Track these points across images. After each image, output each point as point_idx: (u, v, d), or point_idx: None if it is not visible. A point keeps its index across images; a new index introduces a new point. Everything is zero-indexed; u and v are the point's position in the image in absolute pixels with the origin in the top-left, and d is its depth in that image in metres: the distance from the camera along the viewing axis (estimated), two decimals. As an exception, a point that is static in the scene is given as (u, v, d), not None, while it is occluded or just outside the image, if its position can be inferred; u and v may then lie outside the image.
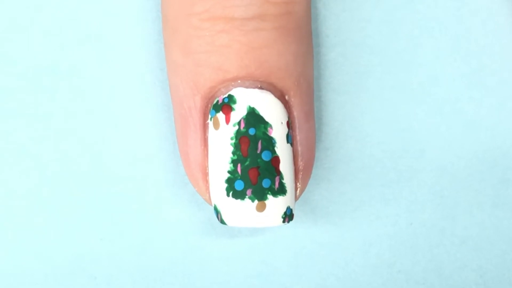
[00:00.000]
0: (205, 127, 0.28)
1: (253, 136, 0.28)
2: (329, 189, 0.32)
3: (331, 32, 0.31)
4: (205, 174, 0.29)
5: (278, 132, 0.28)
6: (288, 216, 0.28)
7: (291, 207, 0.28)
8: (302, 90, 0.28)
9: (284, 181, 0.28)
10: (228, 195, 0.28)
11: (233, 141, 0.28)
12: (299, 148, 0.29)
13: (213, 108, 0.28)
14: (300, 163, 0.29)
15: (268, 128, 0.28)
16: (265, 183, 0.28)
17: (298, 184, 0.29)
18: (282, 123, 0.28)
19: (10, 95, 0.31)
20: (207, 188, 0.29)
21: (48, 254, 0.31)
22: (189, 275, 0.32)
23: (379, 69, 0.31)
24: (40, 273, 0.32)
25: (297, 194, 0.29)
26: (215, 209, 0.29)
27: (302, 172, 0.29)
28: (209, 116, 0.28)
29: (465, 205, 0.32)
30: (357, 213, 0.32)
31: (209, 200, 0.29)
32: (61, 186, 0.31)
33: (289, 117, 0.28)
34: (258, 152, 0.28)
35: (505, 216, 0.32)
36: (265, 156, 0.28)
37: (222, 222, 0.28)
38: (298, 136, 0.29)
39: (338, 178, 0.32)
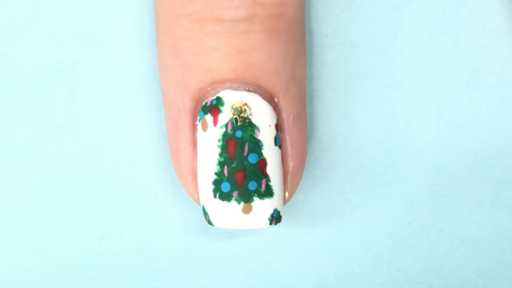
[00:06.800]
0: (194, 128, 0.28)
1: (240, 138, 0.28)
2: (328, 189, 0.32)
3: (330, 32, 0.31)
4: (194, 175, 0.29)
5: (265, 134, 0.28)
6: (275, 218, 0.28)
7: (278, 209, 0.28)
8: (291, 92, 0.28)
9: (271, 183, 0.28)
10: (215, 196, 0.28)
11: (220, 143, 0.28)
12: (289, 151, 0.29)
13: (201, 110, 0.28)
14: (290, 166, 0.29)
15: (255, 131, 0.28)
16: (251, 185, 0.28)
17: (287, 186, 0.29)
18: (270, 125, 0.28)
19: (10, 95, 0.31)
20: (196, 189, 0.29)
21: (48, 254, 0.32)
22: (189, 275, 0.32)
23: (378, 69, 0.31)
24: (40, 273, 0.32)
25: (286, 196, 0.29)
26: (203, 210, 0.29)
27: (292, 175, 0.29)
28: (198, 118, 0.28)
29: (464, 205, 0.32)
30: (356, 213, 0.32)
31: (198, 201, 0.29)
32: (61, 186, 0.31)
33: (278, 120, 0.28)
34: (245, 154, 0.28)
35: (504, 216, 0.32)
36: (252, 158, 0.28)
37: (210, 223, 0.28)
38: (287, 139, 0.29)
39: (337, 178, 0.32)
